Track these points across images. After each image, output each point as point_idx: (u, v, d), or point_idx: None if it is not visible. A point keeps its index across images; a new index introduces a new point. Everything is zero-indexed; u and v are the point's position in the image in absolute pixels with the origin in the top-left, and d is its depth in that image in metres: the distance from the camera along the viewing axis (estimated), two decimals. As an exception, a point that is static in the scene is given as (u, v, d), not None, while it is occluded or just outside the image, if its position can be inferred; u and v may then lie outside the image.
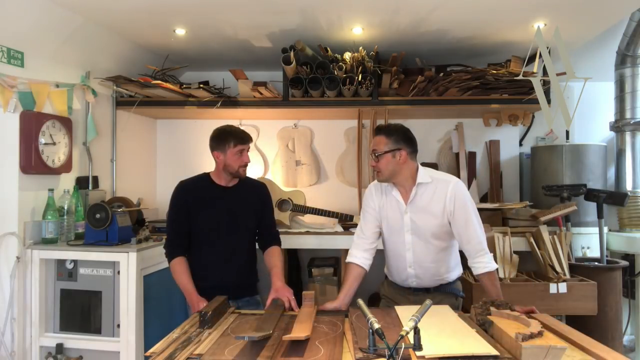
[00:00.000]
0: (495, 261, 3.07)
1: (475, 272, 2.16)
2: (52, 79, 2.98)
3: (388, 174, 2.19)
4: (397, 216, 2.23)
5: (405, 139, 2.19)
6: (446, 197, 2.15)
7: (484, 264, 2.14)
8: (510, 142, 4.13)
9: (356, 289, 2.21)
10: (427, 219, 2.18)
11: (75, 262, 2.80)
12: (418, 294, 2.26)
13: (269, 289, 2.24)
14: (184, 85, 3.54)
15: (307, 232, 3.54)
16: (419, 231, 2.19)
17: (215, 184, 2.42)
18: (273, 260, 2.43)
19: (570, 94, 3.84)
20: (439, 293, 2.26)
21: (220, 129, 2.41)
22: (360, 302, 1.65)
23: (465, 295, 2.41)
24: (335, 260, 3.81)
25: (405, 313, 1.88)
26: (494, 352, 1.44)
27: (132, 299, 2.70)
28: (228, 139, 2.34)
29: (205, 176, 2.45)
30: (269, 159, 4.24)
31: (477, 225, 2.15)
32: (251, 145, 2.45)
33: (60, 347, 2.74)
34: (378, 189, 2.31)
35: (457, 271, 2.33)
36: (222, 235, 2.36)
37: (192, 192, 2.38)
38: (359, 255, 2.26)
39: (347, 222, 3.67)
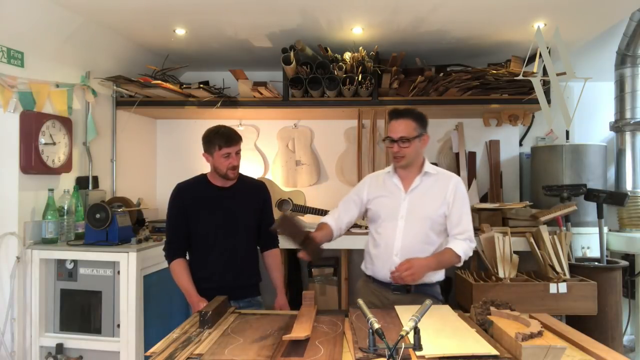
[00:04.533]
0: (496, 261, 3.11)
1: (447, 244, 2.22)
2: (52, 79, 2.98)
3: (412, 159, 2.21)
4: (394, 202, 2.25)
5: (427, 123, 2.25)
6: (448, 189, 2.22)
7: (456, 242, 2.18)
8: (510, 142, 4.13)
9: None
10: (425, 205, 2.22)
11: (75, 262, 2.80)
12: (397, 294, 2.22)
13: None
14: (184, 85, 3.53)
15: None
16: (414, 218, 2.21)
17: (213, 184, 2.39)
18: (274, 273, 2.51)
19: (570, 94, 3.84)
20: (420, 295, 2.18)
21: (208, 130, 2.35)
22: (360, 302, 1.65)
23: (444, 299, 2.40)
24: (335, 260, 3.81)
25: (405, 313, 1.88)
26: (494, 352, 1.45)
27: (132, 299, 2.70)
28: (214, 142, 2.28)
29: (203, 177, 2.43)
30: (269, 159, 4.23)
31: (469, 218, 2.23)
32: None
33: (60, 347, 2.74)
34: (374, 181, 2.34)
35: (439, 274, 2.29)
36: (221, 236, 2.35)
37: (190, 194, 2.36)
38: (333, 223, 2.32)
39: (347, 222, 3.66)
